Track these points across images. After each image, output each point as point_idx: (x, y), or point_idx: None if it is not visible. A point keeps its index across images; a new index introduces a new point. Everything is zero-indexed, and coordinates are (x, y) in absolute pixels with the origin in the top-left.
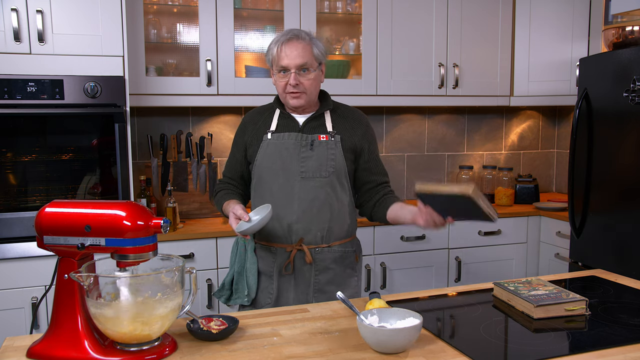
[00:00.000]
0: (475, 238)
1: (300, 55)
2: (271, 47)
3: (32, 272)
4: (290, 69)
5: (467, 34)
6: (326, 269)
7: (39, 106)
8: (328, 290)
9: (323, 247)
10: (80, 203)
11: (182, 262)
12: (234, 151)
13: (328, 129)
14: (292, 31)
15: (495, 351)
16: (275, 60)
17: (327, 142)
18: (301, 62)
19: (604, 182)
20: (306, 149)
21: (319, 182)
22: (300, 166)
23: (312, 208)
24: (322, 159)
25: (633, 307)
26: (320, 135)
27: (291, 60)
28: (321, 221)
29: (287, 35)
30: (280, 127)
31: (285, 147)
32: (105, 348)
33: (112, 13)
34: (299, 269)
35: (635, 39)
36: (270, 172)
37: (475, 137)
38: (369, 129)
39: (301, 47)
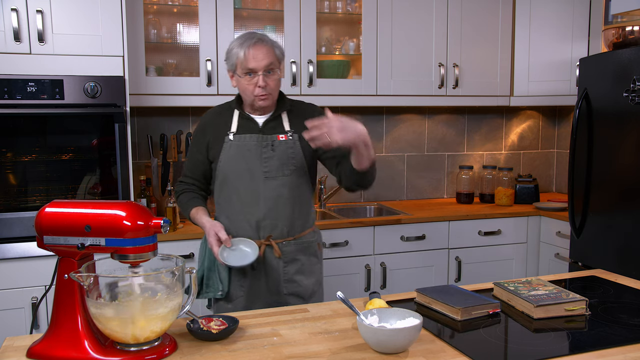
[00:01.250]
0: (475, 238)
1: (265, 57)
2: (235, 52)
3: (32, 272)
4: (257, 71)
5: (467, 34)
6: (293, 260)
7: (39, 106)
8: (297, 280)
9: (290, 240)
10: (80, 203)
11: (182, 262)
12: (193, 152)
13: (286, 129)
14: (254, 35)
15: (495, 351)
16: (241, 63)
17: (287, 142)
18: (268, 63)
19: (604, 182)
20: (267, 149)
21: (282, 181)
22: (264, 166)
23: (278, 205)
24: (283, 158)
25: (633, 307)
26: (280, 135)
27: (258, 62)
28: (286, 217)
29: (252, 39)
30: (241, 129)
31: (247, 148)
32: (105, 348)
33: (112, 13)
34: (269, 262)
35: (635, 39)
36: (235, 172)
37: (475, 137)
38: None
39: (266, 50)
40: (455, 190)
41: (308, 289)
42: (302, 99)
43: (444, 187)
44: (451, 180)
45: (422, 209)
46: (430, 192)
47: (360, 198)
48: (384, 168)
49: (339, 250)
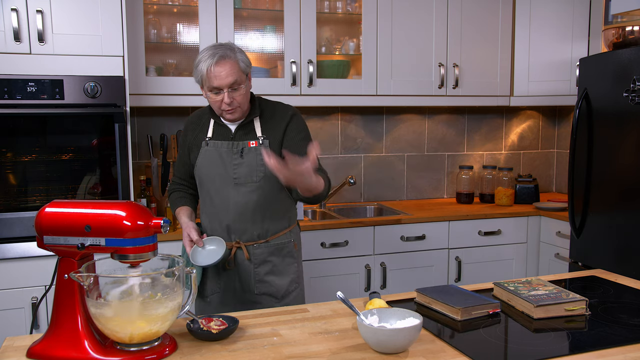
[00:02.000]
0: (475, 238)
1: (229, 74)
2: (200, 69)
3: (32, 272)
4: (222, 88)
5: (467, 34)
6: (264, 262)
7: (39, 106)
8: (268, 280)
9: (260, 242)
10: (80, 203)
11: (182, 262)
12: (180, 153)
13: (257, 134)
14: (217, 51)
15: (495, 351)
16: (205, 81)
17: (257, 149)
18: (232, 81)
19: (604, 182)
20: (237, 156)
21: (251, 187)
22: (233, 173)
23: (247, 211)
24: (252, 165)
25: (633, 307)
26: (250, 141)
27: (222, 80)
28: (256, 222)
29: (214, 57)
30: (215, 135)
31: (219, 154)
32: (105, 348)
33: (112, 13)
34: (240, 263)
35: (635, 39)
36: (208, 177)
37: (475, 137)
38: (293, 118)
39: (229, 66)
40: (455, 190)
41: (281, 289)
42: (302, 99)
43: (444, 187)
44: (451, 180)
45: (422, 209)
46: (430, 192)
47: (360, 198)
48: (384, 168)
49: (339, 250)
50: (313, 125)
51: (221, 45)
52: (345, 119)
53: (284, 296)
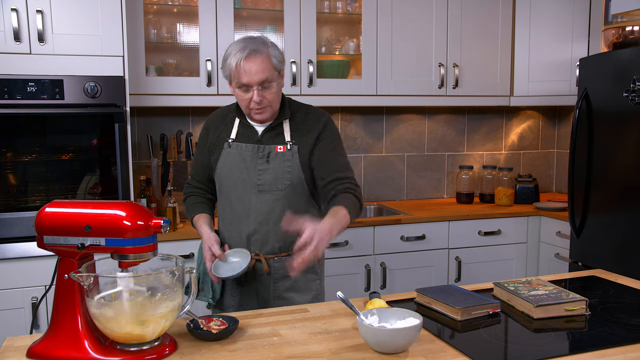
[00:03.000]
0: (475, 238)
1: (260, 70)
2: (229, 63)
3: (32, 272)
4: (251, 85)
5: (467, 34)
6: (284, 277)
7: (39, 106)
8: (287, 297)
9: (282, 256)
10: (80, 203)
11: (182, 262)
12: (197, 154)
13: (286, 139)
14: (248, 44)
15: (495, 351)
16: (234, 76)
17: (284, 154)
18: (263, 78)
19: (604, 182)
20: (263, 161)
21: (276, 195)
22: (257, 179)
23: (269, 221)
24: (279, 171)
25: (633, 307)
26: (278, 146)
27: (252, 77)
28: (278, 233)
29: (244, 51)
30: (240, 136)
31: (242, 158)
32: (105, 348)
33: (112, 13)
34: (259, 278)
35: (635, 39)
36: (229, 182)
37: (475, 137)
38: (326, 126)
39: (260, 61)
40: (455, 190)
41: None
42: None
43: (444, 187)
44: (451, 180)
45: (422, 209)
46: (430, 192)
47: None
48: (384, 168)
49: (339, 250)
50: None
51: (253, 38)
52: (345, 119)
53: None
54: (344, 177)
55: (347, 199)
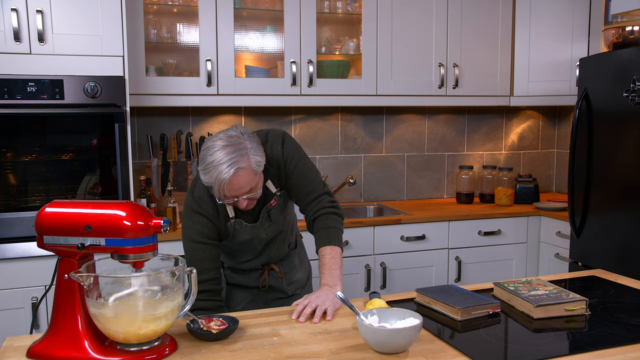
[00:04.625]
0: (475, 238)
1: (243, 186)
2: (210, 182)
3: (32, 272)
4: (237, 197)
5: (467, 34)
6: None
7: (39, 106)
8: (296, 279)
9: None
10: (80, 203)
11: (182, 262)
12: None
13: (273, 191)
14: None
15: (495, 351)
16: (217, 192)
17: (279, 204)
18: (248, 190)
19: (604, 182)
20: (266, 221)
21: (282, 235)
22: (265, 235)
23: (278, 249)
24: (279, 220)
25: (633, 307)
26: (272, 202)
27: (237, 191)
28: (285, 246)
29: (227, 174)
30: (238, 213)
31: (249, 233)
32: (105, 348)
33: (112, 13)
34: (273, 281)
35: (635, 39)
36: (240, 248)
37: (475, 137)
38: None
39: (244, 176)
40: (455, 190)
41: (303, 279)
42: (302, 99)
43: (444, 187)
44: (451, 180)
45: (422, 209)
46: (430, 192)
47: (360, 198)
48: (384, 168)
49: None
50: (313, 125)
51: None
52: (345, 119)
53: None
54: (318, 196)
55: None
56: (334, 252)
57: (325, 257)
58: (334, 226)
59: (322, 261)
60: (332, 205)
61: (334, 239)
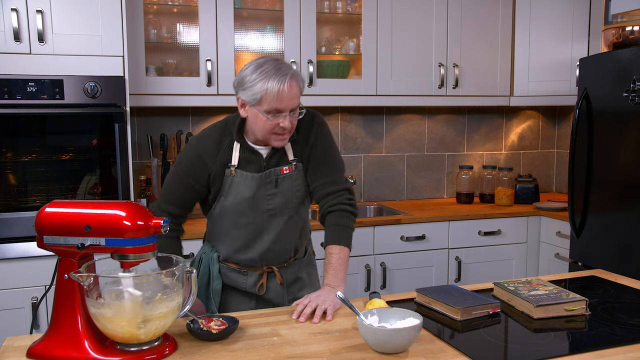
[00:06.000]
0: (475, 238)
1: (295, 96)
2: (266, 87)
3: (32, 272)
4: (285, 111)
5: (467, 34)
6: (296, 280)
7: (39, 106)
8: (300, 296)
9: (291, 261)
10: (80, 203)
11: (182, 262)
12: (187, 183)
13: (289, 158)
14: (284, 69)
15: (495, 351)
16: (270, 100)
17: (291, 175)
18: (296, 105)
19: (604, 182)
20: (271, 186)
21: (287, 215)
22: (267, 204)
23: (282, 240)
24: (288, 194)
25: (633, 307)
26: (283, 167)
27: (289, 102)
28: (290, 244)
29: (285, 76)
30: (243, 162)
31: (249, 187)
32: (105, 348)
33: (112, 13)
34: (271, 287)
35: (635, 39)
36: (235, 210)
37: (475, 137)
38: (319, 129)
39: (296, 87)
40: (455, 190)
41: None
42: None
43: (444, 187)
44: (451, 180)
45: (422, 209)
46: (430, 192)
47: (360, 198)
48: (384, 168)
49: None
50: None
51: (277, 60)
52: (345, 119)
53: None
54: (338, 190)
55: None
56: (342, 253)
57: (332, 257)
58: (347, 225)
59: (329, 260)
60: (350, 203)
61: (344, 239)
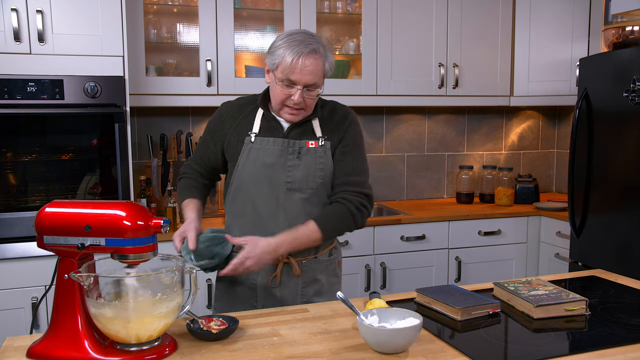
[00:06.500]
0: (475, 238)
1: (312, 72)
2: (282, 53)
3: (32, 272)
4: (297, 84)
5: (467, 34)
6: (314, 281)
7: (39, 106)
8: (315, 302)
9: (310, 258)
10: (80, 203)
11: (182, 262)
12: (207, 141)
13: (317, 134)
14: (309, 42)
15: (495, 351)
16: (284, 69)
17: (316, 150)
18: (311, 81)
19: (604, 182)
20: (293, 157)
21: (306, 194)
22: (287, 176)
23: (299, 221)
24: (310, 168)
25: (633, 307)
26: (309, 141)
27: (303, 76)
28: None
29: (305, 48)
30: (264, 130)
31: (269, 153)
32: (105, 348)
33: (112, 13)
34: (285, 282)
35: (635, 39)
36: (253, 181)
37: (475, 137)
38: (351, 125)
39: (315, 64)
40: (455, 190)
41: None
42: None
43: (444, 187)
44: (451, 180)
45: (422, 209)
46: (430, 192)
47: None
48: (384, 168)
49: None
50: None
51: (311, 35)
52: None
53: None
54: (352, 183)
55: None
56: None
57: (301, 227)
58: (336, 214)
59: (297, 227)
60: (358, 207)
61: (324, 222)
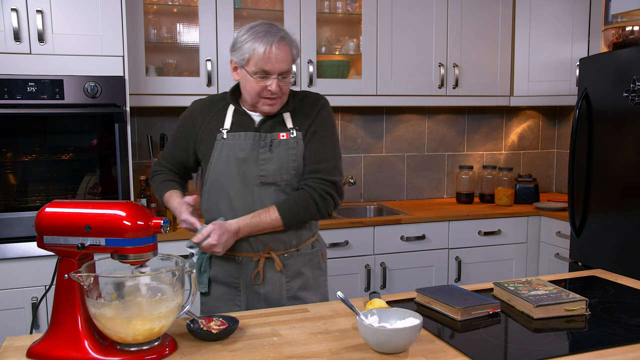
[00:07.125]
0: (475, 238)
1: (285, 59)
2: (250, 46)
3: (32, 272)
4: (272, 74)
5: (467, 34)
6: (297, 275)
7: (39, 106)
8: (301, 297)
9: (292, 251)
10: (80, 203)
11: (182, 262)
12: (178, 138)
13: (288, 126)
14: (275, 31)
15: (495, 351)
16: (257, 61)
17: (288, 141)
18: (285, 68)
19: (604, 182)
20: (265, 150)
21: (280, 186)
22: (260, 170)
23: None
24: (283, 160)
25: (633, 307)
26: (280, 133)
27: (277, 64)
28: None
29: (275, 37)
30: (235, 125)
31: (241, 148)
32: (105, 348)
33: (112, 13)
34: (269, 278)
35: (635, 39)
36: (227, 176)
37: (475, 137)
38: (322, 110)
39: (286, 51)
40: (455, 190)
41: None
42: None
43: (444, 187)
44: (451, 180)
45: (422, 209)
46: (430, 192)
47: (360, 198)
48: (384, 168)
49: (339, 250)
50: None
51: (272, 24)
52: (345, 118)
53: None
54: (319, 170)
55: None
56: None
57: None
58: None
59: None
60: (322, 195)
61: (285, 209)
